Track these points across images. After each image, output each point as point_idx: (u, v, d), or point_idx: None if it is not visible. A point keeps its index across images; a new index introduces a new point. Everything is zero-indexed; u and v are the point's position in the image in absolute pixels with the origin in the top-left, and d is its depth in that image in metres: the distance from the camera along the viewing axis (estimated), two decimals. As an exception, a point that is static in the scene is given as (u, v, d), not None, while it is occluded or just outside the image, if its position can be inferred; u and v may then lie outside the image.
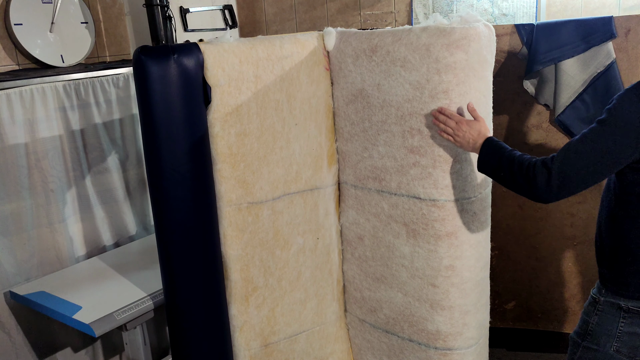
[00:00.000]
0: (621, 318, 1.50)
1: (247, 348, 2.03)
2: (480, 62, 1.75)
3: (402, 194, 1.95)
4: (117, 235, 2.62)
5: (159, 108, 1.72)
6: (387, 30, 1.87)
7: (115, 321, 1.92)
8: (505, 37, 2.56)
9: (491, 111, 1.92)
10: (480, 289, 2.00)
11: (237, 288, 1.96)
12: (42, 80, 2.26)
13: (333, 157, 2.15)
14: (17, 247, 2.22)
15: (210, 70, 1.76)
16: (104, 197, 2.55)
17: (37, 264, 2.28)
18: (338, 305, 2.30)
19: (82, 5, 2.74)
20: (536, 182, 1.43)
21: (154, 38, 2.71)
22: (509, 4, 2.91)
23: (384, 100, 1.91)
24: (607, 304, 1.53)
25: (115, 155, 2.58)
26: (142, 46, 1.71)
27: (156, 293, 2.05)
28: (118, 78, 2.52)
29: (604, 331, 1.53)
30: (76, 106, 2.38)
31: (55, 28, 2.60)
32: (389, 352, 2.19)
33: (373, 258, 2.12)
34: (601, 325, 1.54)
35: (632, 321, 1.48)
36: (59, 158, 2.34)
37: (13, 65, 2.51)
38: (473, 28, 1.71)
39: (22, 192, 2.21)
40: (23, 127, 2.19)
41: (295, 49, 1.95)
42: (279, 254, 2.04)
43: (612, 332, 1.51)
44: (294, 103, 1.98)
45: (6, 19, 2.43)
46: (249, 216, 1.93)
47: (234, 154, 1.86)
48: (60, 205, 2.36)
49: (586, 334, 1.57)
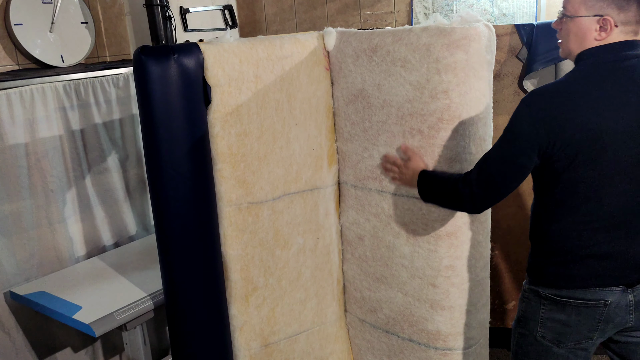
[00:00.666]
0: (542, 305, 1.55)
1: (247, 348, 2.03)
2: (480, 62, 1.75)
3: (402, 194, 1.95)
4: (117, 235, 2.62)
5: (159, 108, 1.72)
6: (387, 30, 1.87)
7: (115, 321, 1.92)
8: (505, 37, 2.56)
9: (491, 111, 1.92)
10: (481, 289, 2.00)
11: (237, 288, 1.96)
12: (42, 80, 2.26)
13: (333, 157, 2.15)
14: (17, 247, 2.21)
15: (210, 70, 1.76)
16: (104, 197, 2.55)
17: (37, 264, 2.28)
18: (338, 305, 2.30)
19: (82, 5, 2.74)
20: (463, 195, 1.56)
21: (154, 38, 2.71)
22: (509, 4, 2.91)
23: (384, 100, 1.91)
24: (530, 291, 1.60)
25: (115, 155, 2.58)
26: (142, 46, 1.71)
27: (156, 293, 2.05)
28: (118, 78, 2.52)
29: (530, 317, 1.60)
30: (76, 106, 2.38)
31: (55, 28, 2.60)
32: (389, 352, 2.19)
33: (373, 258, 2.12)
34: (527, 311, 1.61)
35: (551, 308, 1.53)
36: (59, 158, 2.34)
37: (13, 65, 2.51)
38: (473, 28, 1.71)
39: (22, 192, 2.21)
40: (23, 127, 2.19)
41: (295, 49, 1.95)
42: (279, 254, 2.04)
43: (536, 318, 1.57)
44: (294, 103, 1.98)
45: (6, 19, 2.43)
46: (249, 216, 1.93)
47: (234, 154, 1.86)
48: (60, 205, 2.35)
49: (519, 320, 1.65)
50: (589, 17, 1.40)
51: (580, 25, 1.43)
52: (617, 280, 1.47)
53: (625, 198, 1.44)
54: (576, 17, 1.44)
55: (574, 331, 1.51)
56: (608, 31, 1.40)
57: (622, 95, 1.39)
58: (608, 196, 1.44)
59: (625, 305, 1.48)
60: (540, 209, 1.56)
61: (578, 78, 1.44)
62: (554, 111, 1.41)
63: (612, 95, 1.39)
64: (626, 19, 1.38)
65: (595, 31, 1.41)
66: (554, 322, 1.53)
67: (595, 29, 1.41)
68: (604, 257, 1.47)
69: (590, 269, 1.48)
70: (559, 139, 1.41)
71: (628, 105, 1.39)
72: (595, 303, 1.48)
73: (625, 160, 1.41)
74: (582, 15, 1.42)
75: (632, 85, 1.40)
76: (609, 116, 1.38)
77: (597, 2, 1.39)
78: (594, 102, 1.39)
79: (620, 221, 1.45)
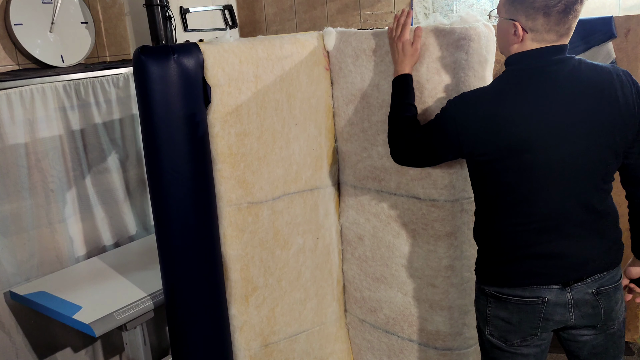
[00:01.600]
0: (488, 303, 1.58)
1: (247, 348, 2.03)
2: (480, 62, 1.75)
3: (401, 194, 1.95)
4: (117, 235, 2.62)
5: (159, 108, 1.72)
6: (387, 31, 1.87)
7: (115, 321, 1.92)
8: (505, 37, 2.56)
9: (491, 111, 1.92)
10: (480, 289, 2.00)
11: (237, 288, 1.96)
12: (42, 80, 2.26)
13: (333, 157, 2.15)
14: (17, 247, 2.22)
15: (210, 70, 1.76)
16: (104, 197, 2.55)
17: (37, 264, 2.28)
18: (338, 305, 2.30)
19: (82, 5, 2.74)
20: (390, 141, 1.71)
21: (154, 38, 2.71)
22: (508, 4, 2.90)
23: (383, 101, 1.91)
24: (478, 290, 1.63)
25: (115, 155, 2.58)
26: (142, 46, 1.71)
27: (156, 293, 2.05)
28: (118, 78, 2.52)
29: (480, 315, 1.63)
30: (76, 106, 2.38)
31: (55, 28, 2.60)
32: (388, 352, 2.19)
33: (373, 258, 2.12)
34: (478, 310, 1.64)
35: (495, 305, 1.56)
36: (59, 158, 2.34)
37: (13, 65, 2.51)
38: (473, 28, 1.71)
39: (22, 192, 2.21)
40: (23, 127, 2.19)
41: (295, 49, 1.95)
42: (279, 254, 2.04)
43: (484, 316, 1.60)
44: (294, 103, 1.98)
45: (6, 19, 2.44)
46: (249, 216, 1.93)
47: (234, 154, 1.86)
48: (60, 205, 2.36)
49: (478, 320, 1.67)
50: (507, 19, 1.47)
51: (501, 26, 1.51)
52: (555, 278, 1.49)
53: (558, 200, 1.46)
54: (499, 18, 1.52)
55: (517, 328, 1.54)
56: (519, 36, 1.45)
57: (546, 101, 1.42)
58: (540, 199, 1.46)
59: (564, 303, 1.49)
60: (478, 208, 1.61)
61: (503, 84, 1.48)
62: (477, 117, 1.46)
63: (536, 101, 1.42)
64: (534, 26, 1.42)
65: (510, 34, 1.47)
66: (498, 319, 1.56)
67: (510, 32, 1.47)
68: (540, 257, 1.49)
69: (527, 267, 1.50)
70: (481, 144, 1.47)
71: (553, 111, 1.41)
72: (533, 300, 1.50)
73: (554, 164, 1.43)
74: (502, 17, 1.50)
75: (555, 90, 1.43)
76: (535, 122, 1.41)
77: (510, 6, 1.45)
78: (520, 107, 1.42)
79: (554, 224, 1.47)
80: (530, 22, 1.42)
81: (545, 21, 1.40)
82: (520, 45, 1.46)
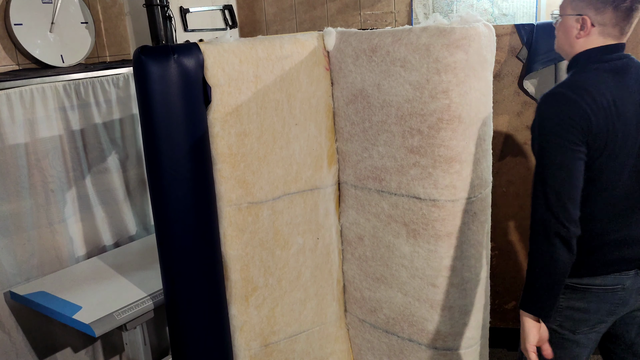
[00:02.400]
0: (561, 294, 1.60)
1: (247, 348, 2.03)
2: (480, 62, 1.75)
3: (402, 194, 1.95)
4: (117, 235, 2.62)
5: (159, 108, 1.72)
6: (387, 30, 1.87)
7: (115, 321, 1.92)
8: (505, 37, 2.56)
9: (491, 111, 1.92)
10: (481, 289, 2.00)
11: (237, 288, 1.96)
12: (42, 80, 2.26)
13: (333, 157, 2.15)
14: (17, 247, 2.22)
15: (210, 70, 1.76)
16: (104, 197, 2.55)
17: (37, 264, 2.28)
18: (338, 305, 2.30)
19: (82, 5, 2.74)
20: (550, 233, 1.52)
21: (154, 38, 2.71)
22: (509, 4, 2.90)
23: (383, 101, 1.91)
24: None
25: (115, 155, 2.58)
26: (142, 46, 1.71)
27: (156, 293, 2.05)
28: (118, 78, 2.52)
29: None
30: (76, 106, 2.38)
31: (55, 28, 2.60)
32: (389, 352, 2.19)
33: (373, 258, 2.12)
34: None
35: (570, 296, 1.60)
36: (59, 158, 2.34)
37: (13, 65, 2.51)
38: (473, 28, 1.72)
39: (22, 192, 2.21)
40: (23, 127, 2.19)
41: (295, 49, 1.95)
42: (279, 254, 2.04)
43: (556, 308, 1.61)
44: (294, 103, 1.98)
45: (6, 19, 2.43)
46: (249, 216, 1.93)
47: (234, 154, 1.86)
48: (60, 205, 2.36)
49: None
50: (573, 15, 1.54)
51: (566, 23, 1.57)
52: (631, 264, 1.58)
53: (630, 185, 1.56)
54: (564, 16, 1.58)
55: (592, 317, 1.60)
56: (586, 30, 1.52)
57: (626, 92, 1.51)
58: (620, 185, 1.55)
59: (638, 287, 1.59)
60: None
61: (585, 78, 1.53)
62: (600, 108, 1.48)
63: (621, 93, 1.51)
64: (602, 20, 1.50)
65: (576, 30, 1.54)
66: (572, 310, 1.61)
67: (576, 28, 1.54)
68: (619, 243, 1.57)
69: (608, 255, 1.57)
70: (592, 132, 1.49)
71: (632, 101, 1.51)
72: (614, 287, 1.57)
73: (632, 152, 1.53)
74: (568, 14, 1.56)
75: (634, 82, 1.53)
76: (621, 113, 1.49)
77: (579, 2, 1.53)
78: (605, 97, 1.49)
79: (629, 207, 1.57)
80: (599, 16, 1.50)
81: (614, 15, 1.49)
82: (586, 39, 1.53)
